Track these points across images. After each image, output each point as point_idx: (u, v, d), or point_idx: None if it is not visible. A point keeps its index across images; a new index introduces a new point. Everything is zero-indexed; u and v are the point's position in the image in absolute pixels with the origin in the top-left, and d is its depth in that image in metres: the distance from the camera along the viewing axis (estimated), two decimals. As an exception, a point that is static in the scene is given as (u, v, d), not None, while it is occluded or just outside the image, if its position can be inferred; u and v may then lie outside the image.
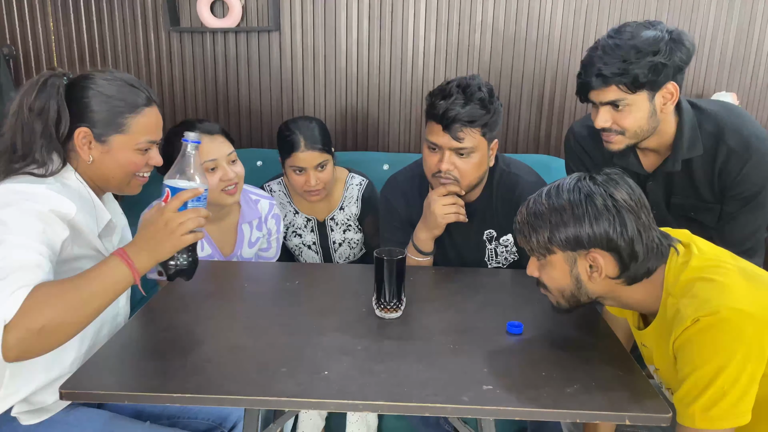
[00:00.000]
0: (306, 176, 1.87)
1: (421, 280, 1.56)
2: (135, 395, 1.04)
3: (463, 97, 1.52)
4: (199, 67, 2.42)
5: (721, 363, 1.02)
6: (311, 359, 1.15)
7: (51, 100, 1.20)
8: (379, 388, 1.06)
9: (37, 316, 0.97)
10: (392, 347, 1.20)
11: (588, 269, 1.15)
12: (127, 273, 1.09)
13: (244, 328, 1.27)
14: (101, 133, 1.23)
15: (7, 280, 0.99)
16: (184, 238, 1.14)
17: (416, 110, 2.44)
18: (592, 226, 1.11)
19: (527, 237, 1.18)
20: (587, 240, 1.12)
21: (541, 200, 1.17)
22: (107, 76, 1.26)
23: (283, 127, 1.91)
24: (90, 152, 1.24)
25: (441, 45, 2.36)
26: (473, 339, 1.24)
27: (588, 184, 1.15)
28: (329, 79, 2.41)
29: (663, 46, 1.40)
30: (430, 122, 1.58)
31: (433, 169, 1.60)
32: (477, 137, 1.55)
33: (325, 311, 1.36)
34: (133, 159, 1.27)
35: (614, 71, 1.41)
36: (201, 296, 1.44)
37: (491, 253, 1.75)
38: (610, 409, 1.02)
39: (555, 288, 1.20)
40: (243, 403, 1.05)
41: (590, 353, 1.20)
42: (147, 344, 1.23)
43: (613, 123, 1.48)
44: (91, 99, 1.23)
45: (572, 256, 1.15)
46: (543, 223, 1.15)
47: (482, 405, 1.02)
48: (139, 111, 1.26)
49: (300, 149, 1.84)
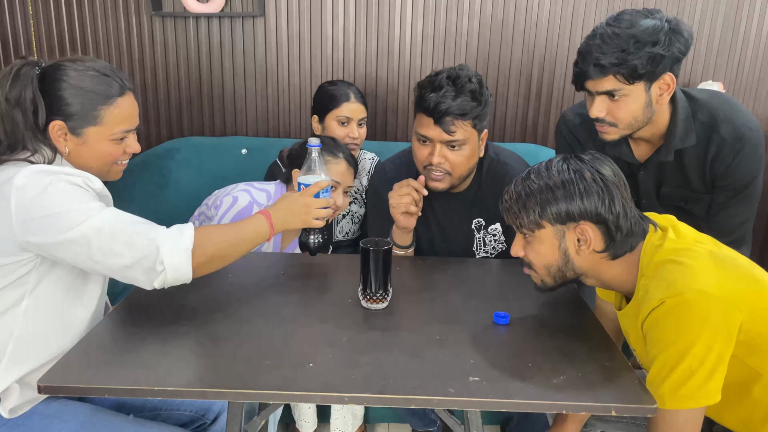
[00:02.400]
0: (350, 128, 1.99)
1: (407, 271, 1.55)
2: (115, 389, 1.02)
3: (453, 89, 1.50)
4: (182, 52, 2.37)
5: (686, 343, 1.04)
6: (296, 351, 1.13)
7: (26, 90, 1.18)
8: (365, 380, 1.05)
9: (208, 247, 1.20)
10: (378, 338, 1.19)
11: (576, 243, 1.18)
12: (268, 230, 1.29)
13: (227, 319, 1.26)
14: (75, 126, 1.22)
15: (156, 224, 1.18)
16: (315, 221, 1.35)
17: (403, 98, 2.42)
18: (582, 200, 1.15)
19: (516, 214, 1.21)
20: (578, 213, 1.16)
21: (530, 178, 1.20)
22: (79, 66, 1.23)
23: (326, 84, 2.06)
24: (66, 144, 1.23)
25: (428, 32, 2.34)
26: (459, 330, 1.23)
27: (576, 161, 1.20)
28: (315, 65, 2.38)
29: (662, 37, 1.39)
30: (420, 114, 1.56)
31: (424, 161, 1.59)
32: (468, 129, 1.54)
33: (310, 302, 1.35)
34: (109, 149, 1.26)
35: (612, 61, 1.40)
36: (183, 287, 1.41)
37: (479, 243, 1.74)
38: (595, 400, 1.02)
39: (541, 264, 1.22)
40: (226, 397, 1.04)
41: (577, 345, 1.20)
42: (128, 336, 1.21)
43: (607, 113, 1.47)
44: (63, 91, 1.21)
45: (561, 229, 1.18)
46: (534, 201, 1.18)
47: (468, 397, 1.01)
48: (112, 102, 1.24)
49: (351, 99, 1.99)
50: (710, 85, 2.32)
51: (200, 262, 1.18)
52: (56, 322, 1.22)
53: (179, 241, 1.15)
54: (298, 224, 1.35)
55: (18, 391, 1.18)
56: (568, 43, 2.35)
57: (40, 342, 1.20)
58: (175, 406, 1.41)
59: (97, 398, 1.34)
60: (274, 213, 1.31)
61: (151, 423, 1.27)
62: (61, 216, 1.11)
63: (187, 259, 1.16)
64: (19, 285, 1.17)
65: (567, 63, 2.37)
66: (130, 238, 1.13)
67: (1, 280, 1.16)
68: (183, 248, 1.15)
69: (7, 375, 1.18)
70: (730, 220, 1.59)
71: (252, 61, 2.38)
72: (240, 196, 1.73)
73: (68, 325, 1.23)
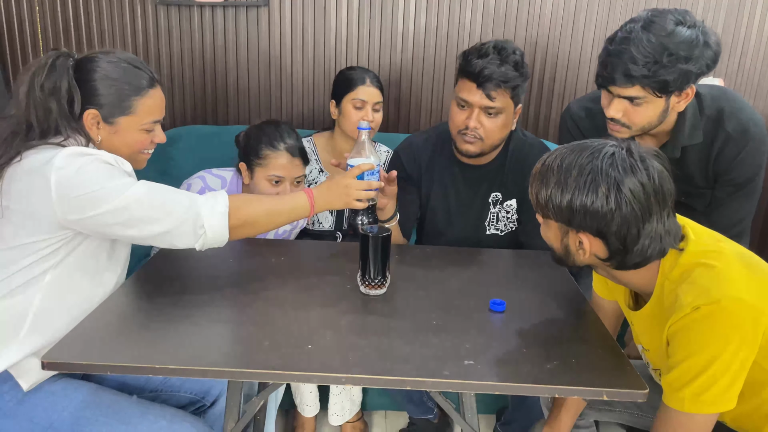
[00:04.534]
0: (365, 111, 1.99)
1: (406, 258, 1.57)
2: (118, 366, 1.05)
3: (498, 57, 1.58)
4: (187, 41, 2.39)
5: (716, 351, 1.03)
6: (295, 333, 1.15)
7: (61, 80, 1.24)
8: (362, 362, 1.07)
9: (243, 211, 1.28)
10: (376, 323, 1.21)
11: (576, 244, 1.13)
12: (308, 207, 1.35)
13: (228, 302, 1.28)
14: (108, 115, 1.28)
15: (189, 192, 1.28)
16: (355, 202, 1.40)
17: (405, 88, 2.43)
18: (585, 207, 1.05)
19: (532, 192, 1.15)
20: (578, 219, 1.07)
21: (558, 156, 1.10)
22: (112, 58, 1.30)
23: (345, 69, 2.09)
24: (98, 132, 1.29)
25: (431, 24, 2.35)
26: (456, 316, 1.25)
27: (603, 161, 1.05)
28: (318, 55, 2.39)
29: (697, 53, 1.36)
30: (463, 79, 1.63)
31: (459, 125, 1.66)
32: (507, 98, 1.61)
33: (310, 287, 1.37)
34: (139, 138, 1.33)
35: (644, 73, 1.36)
36: (185, 271, 1.44)
37: (492, 218, 1.79)
38: (588, 384, 1.04)
39: (549, 244, 1.20)
40: (226, 375, 1.06)
41: (571, 331, 1.22)
42: (131, 317, 1.23)
43: (624, 115, 1.45)
44: (97, 82, 1.27)
45: (564, 228, 1.12)
46: (548, 182, 1.09)
47: (463, 379, 1.04)
48: (144, 93, 1.31)
49: (366, 83, 1.99)
50: (711, 82, 2.32)
51: (235, 225, 1.26)
52: (76, 297, 1.26)
53: (215, 205, 1.24)
54: (340, 205, 1.39)
55: (38, 367, 1.22)
56: (571, 36, 2.36)
57: (58, 316, 1.23)
58: (176, 388, 1.44)
59: (100, 378, 1.37)
60: (317, 192, 1.37)
61: (152, 403, 1.29)
62: (99, 191, 1.17)
63: (224, 221, 1.24)
64: (46, 260, 1.21)
65: (569, 56, 2.38)
66: (168, 205, 1.21)
67: (30, 255, 1.20)
68: (219, 211, 1.24)
69: (27, 345, 1.21)
70: (730, 215, 1.59)
71: (256, 51, 2.40)
72: (193, 183, 1.80)
73: (89, 300, 1.27)
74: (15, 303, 1.21)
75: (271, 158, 1.73)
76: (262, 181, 1.75)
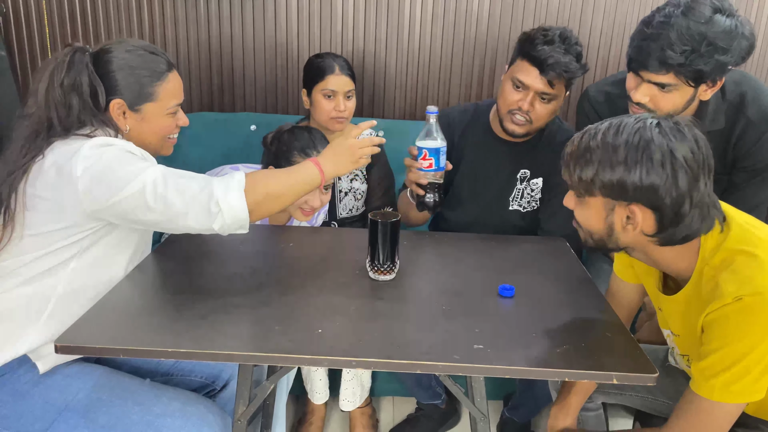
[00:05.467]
0: (336, 101, 1.95)
1: (415, 243, 1.57)
2: (130, 349, 1.05)
3: (563, 46, 1.60)
4: (192, 29, 2.38)
5: (753, 343, 1.02)
6: (305, 318, 1.16)
7: (82, 75, 1.25)
8: (371, 346, 1.08)
9: (262, 187, 1.24)
10: (385, 308, 1.22)
11: (624, 220, 1.09)
12: (317, 173, 1.31)
13: (238, 287, 1.28)
14: (133, 102, 1.30)
15: None
16: (360, 160, 1.36)
17: (412, 76, 2.42)
18: (641, 178, 1.02)
19: (571, 171, 1.11)
20: (632, 191, 1.04)
21: (596, 135, 1.07)
22: (128, 47, 1.30)
23: (313, 57, 2.02)
24: (126, 122, 1.31)
25: (438, 10, 2.33)
26: (465, 301, 1.25)
27: (651, 130, 1.03)
28: (324, 42, 2.38)
29: (735, 45, 1.32)
30: (524, 62, 1.64)
31: (512, 105, 1.68)
32: (562, 86, 1.65)
33: (319, 272, 1.37)
34: (165, 123, 1.36)
35: (680, 61, 1.32)
36: (196, 256, 1.44)
37: (518, 194, 1.83)
38: (597, 368, 1.04)
39: (586, 228, 1.16)
40: (236, 359, 1.06)
41: (580, 316, 1.22)
42: (142, 301, 1.24)
43: (650, 100, 1.43)
44: (116, 72, 1.28)
45: (611, 203, 1.08)
46: (591, 160, 1.06)
47: (472, 363, 1.04)
48: (164, 78, 1.33)
49: (335, 72, 1.94)
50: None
51: (256, 201, 1.22)
52: (99, 285, 1.26)
53: (231, 182, 1.21)
54: (348, 166, 1.37)
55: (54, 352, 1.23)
56: (579, 20, 2.34)
57: (79, 304, 1.23)
58: (187, 372, 1.45)
59: (113, 362, 1.38)
60: (322, 158, 1.35)
61: (165, 386, 1.30)
62: (116, 177, 1.17)
63: (241, 197, 1.20)
64: (71, 248, 1.23)
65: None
66: (182, 185, 1.20)
67: (57, 242, 1.21)
68: (235, 188, 1.20)
69: (46, 330, 1.23)
70: (747, 201, 1.57)
71: (261, 38, 2.39)
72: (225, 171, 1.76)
73: (110, 289, 1.26)
74: (39, 288, 1.22)
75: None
76: None
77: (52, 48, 2.39)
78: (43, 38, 2.38)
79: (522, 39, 1.65)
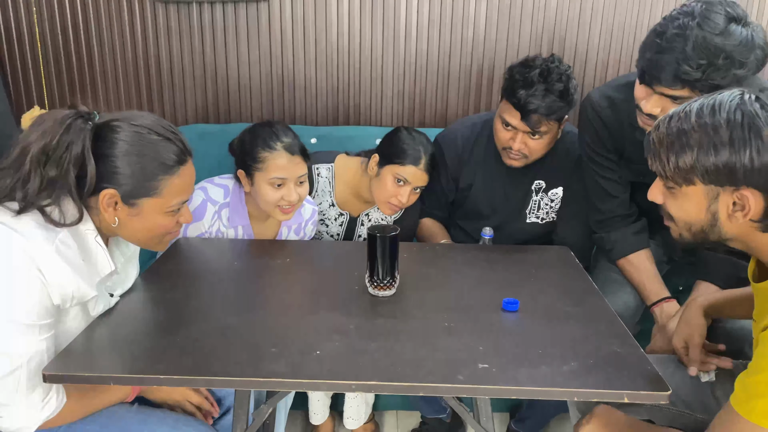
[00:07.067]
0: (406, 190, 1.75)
1: (415, 257, 1.53)
2: (121, 377, 1.01)
3: (543, 87, 1.58)
4: (186, 39, 2.35)
5: None
6: (302, 338, 1.12)
7: (74, 146, 1.06)
8: (373, 367, 1.04)
9: (59, 422, 1.13)
10: (386, 326, 1.18)
11: (730, 206, 0.97)
12: (128, 393, 1.22)
13: (233, 307, 1.24)
14: (129, 195, 1.11)
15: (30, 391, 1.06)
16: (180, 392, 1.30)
17: (409, 83, 2.38)
18: (751, 159, 0.91)
19: (664, 160, 0.99)
20: (743, 174, 0.93)
21: (689, 116, 0.96)
22: (138, 128, 1.11)
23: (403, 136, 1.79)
24: (115, 214, 1.12)
25: (434, 16, 2.30)
26: (468, 317, 1.22)
27: (754, 105, 0.93)
28: (320, 51, 2.35)
29: (752, 58, 1.26)
30: (508, 104, 1.64)
31: (505, 144, 1.70)
32: (552, 124, 1.64)
33: (317, 289, 1.34)
34: (163, 222, 1.17)
35: (697, 77, 1.26)
36: (189, 274, 1.41)
37: (534, 205, 1.82)
38: (608, 387, 1.00)
39: (682, 220, 1.04)
40: (233, 384, 1.03)
41: (587, 331, 1.18)
42: (133, 326, 1.20)
43: (662, 111, 1.36)
44: (119, 158, 1.09)
45: (715, 190, 0.97)
46: (688, 145, 0.95)
47: (477, 384, 1.00)
48: (173, 171, 1.13)
49: (419, 165, 1.74)
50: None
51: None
52: None
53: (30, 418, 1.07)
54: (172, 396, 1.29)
55: None
56: (577, 26, 2.30)
57: None
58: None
59: (104, 386, 1.33)
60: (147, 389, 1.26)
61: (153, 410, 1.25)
62: None
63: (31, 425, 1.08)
64: None
65: (576, 47, 2.33)
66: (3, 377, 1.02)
67: None
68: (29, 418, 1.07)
69: None
70: None
71: (256, 47, 2.35)
72: (194, 195, 1.64)
73: None
74: None
75: (269, 160, 1.59)
76: (263, 186, 1.60)
77: (44, 63, 2.35)
78: (36, 53, 2.34)
79: (505, 77, 1.66)
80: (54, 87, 2.39)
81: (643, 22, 2.29)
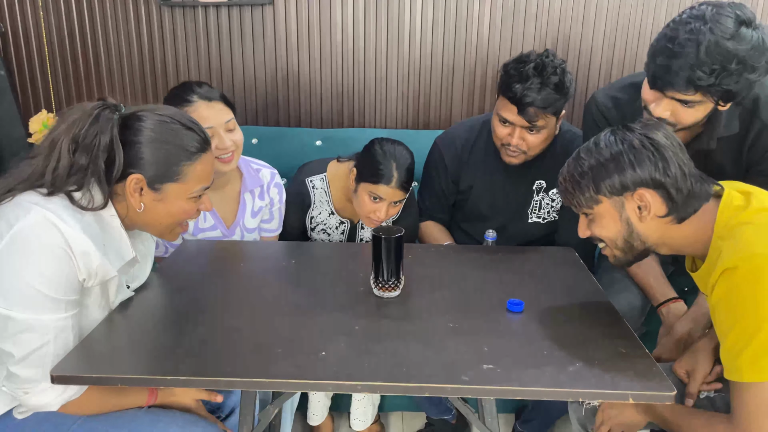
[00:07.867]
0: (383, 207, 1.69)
1: (420, 258, 1.54)
2: (128, 378, 1.02)
3: (539, 80, 1.58)
4: (192, 42, 2.36)
5: (765, 310, 0.98)
6: (308, 340, 1.13)
7: (102, 136, 1.12)
8: (378, 368, 1.04)
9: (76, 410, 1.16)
10: (391, 327, 1.18)
11: (637, 210, 1.15)
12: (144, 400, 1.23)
13: (239, 308, 1.25)
14: (154, 180, 1.17)
15: None
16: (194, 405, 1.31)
17: (413, 85, 2.39)
18: (635, 169, 1.13)
19: (572, 194, 1.20)
20: (632, 182, 1.13)
21: (581, 158, 1.19)
22: (162, 117, 1.17)
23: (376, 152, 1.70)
24: (141, 199, 1.18)
25: (438, 18, 2.31)
26: (473, 317, 1.22)
27: (623, 132, 1.17)
28: (324, 53, 2.36)
29: (763, 62, 1.25)
30: (504, 100, 1.65)
31: (503, 140, 1.71)
32: (549, 117, 1.64)
33: (322, 291, 1.34)
34: (186, 207, 1.23)
35: (710, 82, 1.25)
36: (195, 277, 1.42)
37: (535, 205, 1.83)
38: (612, 387, 1.00)
39: (609, 239, 1.20)
40: (238, 385, 1.03)
41: (592, 331, 1.18)
42: (140, 326, 1.21)
43: (671, 115, 1.35)
44: (144, 144, 1.15)
45: (619, 200, 1.16)
46: (587, 179, 1.17)
47: (482, 384, 1.00)
48: (195, 158, 1.20)
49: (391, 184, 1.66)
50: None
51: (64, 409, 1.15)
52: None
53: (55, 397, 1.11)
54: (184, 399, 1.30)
55: None
56: (581, 27, 2.31)
57: None
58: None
59: (111, 388, 1.34)
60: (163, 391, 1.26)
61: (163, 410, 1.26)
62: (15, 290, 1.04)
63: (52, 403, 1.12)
64: None
65: (579, 49, 2.33)
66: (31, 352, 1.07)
67: None
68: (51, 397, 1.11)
69: None
70: None
71: (261, 50, 2.37)
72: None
73: None
74: None
75: (190, 114, 1.43)
76: None
77: (51, 67, 2.37)
78: (43, 57, 2.36)
79: (501, 73, 1.67)
80: (61, 91, 2.41)
81: (647, 22, 2.29)
